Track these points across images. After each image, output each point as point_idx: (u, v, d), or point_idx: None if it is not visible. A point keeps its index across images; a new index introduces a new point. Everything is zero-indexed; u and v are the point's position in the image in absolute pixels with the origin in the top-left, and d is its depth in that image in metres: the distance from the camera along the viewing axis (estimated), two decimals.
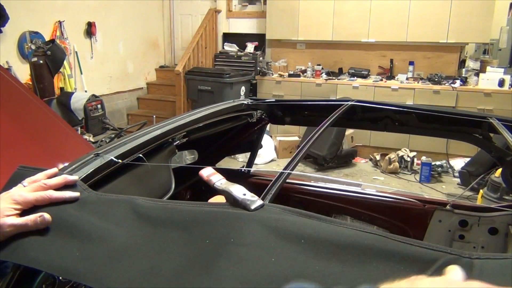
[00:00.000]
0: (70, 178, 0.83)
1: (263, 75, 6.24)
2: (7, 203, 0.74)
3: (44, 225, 0.72)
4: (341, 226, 0.65)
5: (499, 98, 5.11)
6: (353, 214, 1.98)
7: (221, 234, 0.65)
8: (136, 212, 0.74)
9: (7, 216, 0.72)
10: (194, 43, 6.18)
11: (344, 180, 4.29)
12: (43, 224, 0.72)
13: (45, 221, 0.72)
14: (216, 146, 2.08)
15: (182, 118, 1.47)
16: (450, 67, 5.73)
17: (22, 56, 4.65)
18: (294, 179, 2.17)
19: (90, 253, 0.67)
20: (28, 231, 0.72)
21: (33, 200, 0.76)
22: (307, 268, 0.58)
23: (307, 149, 1.16)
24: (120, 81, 6.32)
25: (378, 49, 6.03)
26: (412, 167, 5.17)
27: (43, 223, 0.72)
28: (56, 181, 0.81)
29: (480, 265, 0.56)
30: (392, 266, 0.57)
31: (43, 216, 0.72)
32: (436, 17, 5.42)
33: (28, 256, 0.68)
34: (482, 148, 1.89)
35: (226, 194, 0.73)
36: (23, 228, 0.71)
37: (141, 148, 1.19)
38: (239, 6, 6.84)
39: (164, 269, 0.62)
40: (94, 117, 4.43)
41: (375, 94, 5.62)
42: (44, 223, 0.72)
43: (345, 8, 5.83)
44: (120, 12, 6.11)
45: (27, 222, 0.72)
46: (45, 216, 0.72)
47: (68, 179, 0.83)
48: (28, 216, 0.73)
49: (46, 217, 0.72)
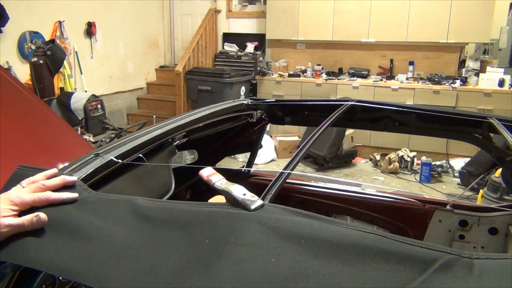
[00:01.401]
0: (69, 179, 0.83)
1: (263, 75, 6.24)
2: (5, 204, 0.74)
3: (40, 225, 0.72)
4: (341, 226, 0.65)
5: (499, 98, 5.11)
6: (353, 214, 1.98)
7: (221, 234, 0.65)
8: (136, 212, 0.74)
9: (4, 217, 0.72)
10: (194, 43, 6.18)
11: (344, 180, 4.29)
12: (39, 224, 0.72)
13: (40, 221, 0.72)
14: (216, 146, 2.08)
15: (182, 118, 1.47)
16: (450, 67, 5.73)
17: (22, 56, 4.65)
18: (294, 179, 2.17)
19: (90, 253, 0.67)
20: (27, 232, 0.72)
21: (30, 201, 0.76)
22: (307, 268, 0.58)
23: (307, 149, 1.16)
24: (120, 81, 6.32)
25: (378, 49, 6.03)
26: (412, 167, 5.18)
27: (39, 223, 0.72)
28: (55, 182, 0.81)
29: (480, 265, 0.56)
30: (392, 266, 0.57)
31: (39, 216, 0.72)
32: (436, 17, 5.42)
33: (28, 256, 0.68)
34: (482, 148, 1.89)
35: (226, 194, 0.73)
36: (20, 228, 0.72)
37: (141, 148, 1.19)
38: (239, 6, 6.84)
39: (164, 269, 0.62)
40: (94, 117, 4.43)
41: (375, 94, 5.62)
42: (40, 222, 0.72)
43: (345, 8, 5.83)
44: (120, 12, 6.11)
45: (24, 222, 0.72)
46: (41, 216, 0.72)
47: (67, 180, 0.83)
48: (24, 216, 0.73)
49: (41, 217, 0.72)
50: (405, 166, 5.19)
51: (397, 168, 5.13)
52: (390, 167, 5.12)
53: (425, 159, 4.90)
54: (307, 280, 0.56)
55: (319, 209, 1.98)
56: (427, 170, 4.85)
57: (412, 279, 0.55)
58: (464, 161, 4.85)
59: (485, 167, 4.27)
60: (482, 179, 4.20)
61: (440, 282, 0.54)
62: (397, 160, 5.15)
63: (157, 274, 0.61)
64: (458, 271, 0.55)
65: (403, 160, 5.18)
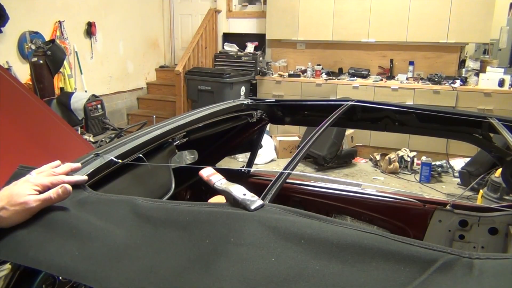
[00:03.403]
0: (75, 165, 0.89)
1: (263, 75, 6.24)
2: (27, 185, 0.78)
3: (66, 195, 0.76)
4: (341, 226, 0.65)
5: (499, 98, 5.11)
6: (353, 214, 1.98)
7: (221, 234, 0.65)
8: (136, 212, 0.74)
9: (30, 195, 0.76)
10: (194, 43, 6.18)
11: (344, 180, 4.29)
12: (65, 194, 0.76)
13: (66, 191, 0.76)
14: (216, 146, 2.08)
15: (182, 118, 1.47)
16: (450, 67, 5.73)
17: (22, 56, 4.65)
18: (294, 179, 2.17)
19: (90, 252, 0.67)
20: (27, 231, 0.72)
21: (48, 183, 0.79)
22: (307, 268, 0.58)
23: (307, 149, 1.16)
24: (120, 81, 6.32)
25: (378, 49, 6.03)
26: (412, 167, 5.17)
27: (65, 193, 0.76)
28: (63, 168, 0.86)
29: (480, 265, 0.56)
30: (392, 266, 0.57)
31: (64, 187, 0.76)
32: (436, 17, 5.42)
33: (28, 256, 0.68)
34: (482, 148, 1.89)
35: (226, 194, 0.73)
36: (47, 201, 0.76)
37: (141, 148, 1.19)
38: (239, 6, 6.84)
39: (164, 268, 0.62)
40: (94, 117, 4.43)
41: (375, 94, 5.62)
42: (66, 192, 0.76)
43: (345, 8, 5.83)
44: (120, 12, 6.11)
45: (50, 195, 0.76)
46: (66, 186, 0.77)
47: (73, 166, 0.88)
48: (49, 191, 0.77)
49: (67, 187, 0.77)
50: (405, 166, 5.19)
51: (397, 168, 5.13)
52: (390, 167, 5.12)
53: (425, 159, 4.90)
54: (307, 280, 0.56)
55: (319, 209, 1.98)
56: (427, 170, 4.85)
57: (412, 279, 0.55)
58: (464, 161, 4.85)
59: (485, 167, 4.27)
60: (482, 179, 4.19)
61: (440, 282, 0.54)
62: (397, 160, 5.15)
63: (157, 274, 0.61)
64: (458, 271, 0.55)
65: (403, 160, 5.18)
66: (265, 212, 0.69)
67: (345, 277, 0.56)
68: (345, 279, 0.56)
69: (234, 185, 0.74)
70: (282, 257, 0.60)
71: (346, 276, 0.56)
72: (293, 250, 0.61)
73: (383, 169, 5.20)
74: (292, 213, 0.69)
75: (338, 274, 0.57)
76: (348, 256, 0.59)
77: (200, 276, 0.59)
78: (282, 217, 0.68)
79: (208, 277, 0.59)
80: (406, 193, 3.57)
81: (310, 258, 0.59)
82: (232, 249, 0.62)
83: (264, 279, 0.57)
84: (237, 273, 0.58)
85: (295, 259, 0.60)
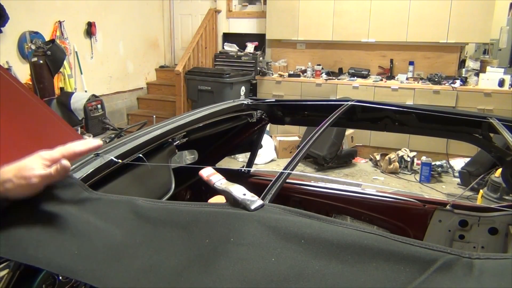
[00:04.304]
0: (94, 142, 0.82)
1: (263, 75, 6.24)
2: (36, 159, 0.76)
3: (65, 172, 0.75)
4: (341, 226, 0.65)
5: (499, 98, 5.11)
6: (353, 214, 1.98)
7: (221, 234, 0.65)
8: (136, 212, 0.74)
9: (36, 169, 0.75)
10: (194, 43, 6.18)
11: (344, 180, 4.29)
12: (63, 171, 0.74)
13: (64, 167, 0.74)
14: (216, 146, 2.08)
15: (182, 118, 1.47)
16: (450, 67, 5.73)
17: (22, 56, 4.65)
18: (294, 179, 2.17)
19: (90, 251, 0.67)
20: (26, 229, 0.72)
21: (59, 155, 0.77)
22: (307, 268, 0.58)
23: (307, 149, 1.16)
24: (120, 81, 6.32)
25: (378, 49, 6.03)
26: (412, 167, 5.17)
27: (63, 170, 0.74)
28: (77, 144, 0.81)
29: (480, 265, 0.56)
30: (392, 266, 0.57)
31: (61, 162, 0.74)
32: (436, 17, 5.42)
33: (27, 254, 0.68)
34: (482, 148, 1.89)
35: (226, 194, 0.73)
36: (48, 178, 0.74)
37: (141, 148, 1.19)
38: (239, 6, 6.84)
39: (163, 268, 0.62)
40: (94, 117, 4.42)
41: (375, 94, 5.62)
42: (64, 169, 0.74)
43: (345, 8, 5.83)
44: (120, 12, 6.11)
45: (50, 172, 0.74)
46: (63, 162, 0.74)
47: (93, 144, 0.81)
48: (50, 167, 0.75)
49: (63, 163, 0.74)
50: (405, 166, 5.19)
51: (397, 168, 5.13)
52: (390, 167, 5.12)
53: (425, 159, 4.90)
54: (307, 280, 0.56)
55: (319, 209, 1.98)
56: (427, 170, 4.85)
57: (412, 279, 0.55)
58: (464, 161, 4.85)
59: (485, 167, 4.27)
60: (482, 179, 4.19)
61: (440, 282, 0.54)
62: (397, 160, 5.15)
63: (157, 274, 0.61)
64: (458, 271, 0.55)
65: (403, 160, 5.18)
66: (265, 212, 0.69)
67: (345, 277, 0.56)
68: (345, 279, 0.56)
69: (234, 185, 0.74)
70: (282, 257, 0.60)
71: (346, 276, 0.56)
72: (293, 250, 0.61)
73: (383, 169, 5.20)
74: (292, 213, 0.69)
75: (338, 274, 0.57)
76: (348, 256, 0.59)
77: (200, 276, 0.59)
78: (282, 217, 0.68)
79: (208, 277, 0.59)
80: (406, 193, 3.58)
81: (310, 258, 0.59)
82: (232, 249, 0.62)
83: (264, 279, 0.57)
84: (237, 273, 0.58)
85: (295, 259, 0.60)
